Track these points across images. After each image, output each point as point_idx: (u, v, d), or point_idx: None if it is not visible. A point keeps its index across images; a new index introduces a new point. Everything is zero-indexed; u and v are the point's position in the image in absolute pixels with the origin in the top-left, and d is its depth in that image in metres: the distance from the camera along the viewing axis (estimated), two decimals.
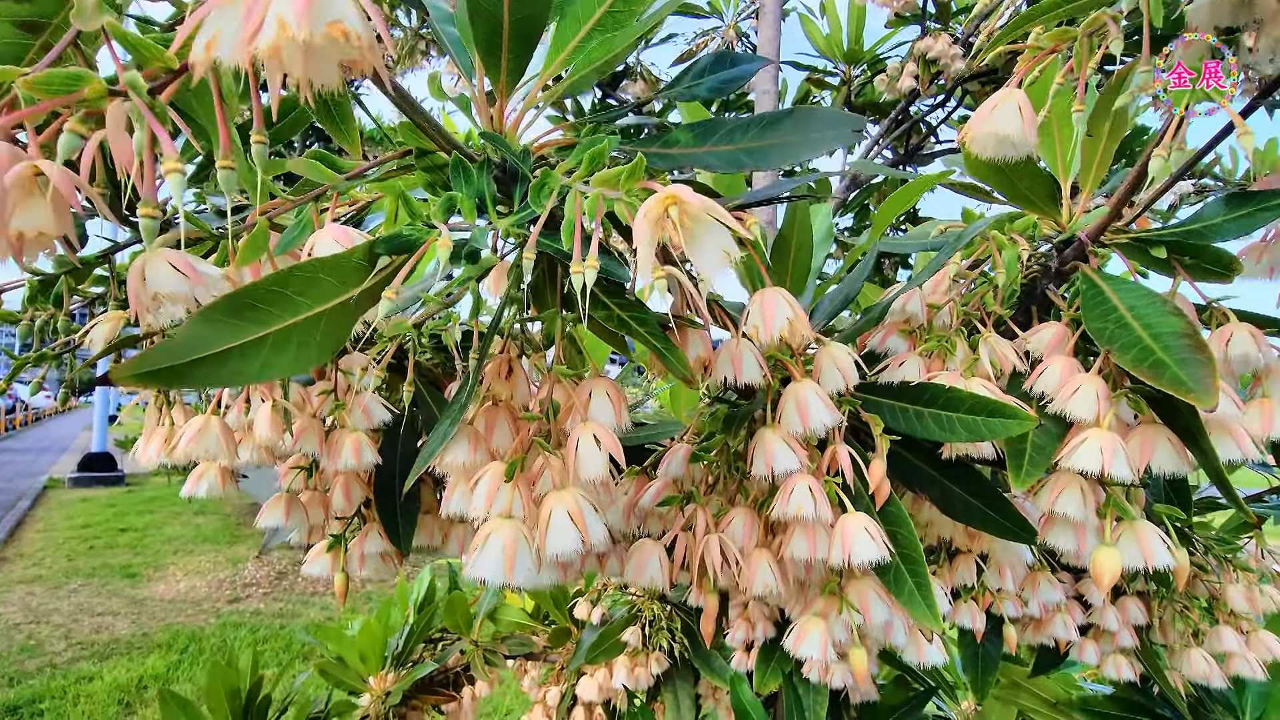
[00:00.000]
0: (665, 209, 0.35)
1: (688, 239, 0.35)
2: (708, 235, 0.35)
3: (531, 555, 0.47)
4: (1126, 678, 1.12)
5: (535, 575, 0.47)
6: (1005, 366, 0.67)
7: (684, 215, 0.35)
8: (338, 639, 1.73)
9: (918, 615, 0.58)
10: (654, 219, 0.35)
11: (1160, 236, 0.65)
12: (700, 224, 0.35)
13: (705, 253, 0.36)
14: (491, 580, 0.45)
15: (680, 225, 0.35)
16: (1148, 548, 0.60)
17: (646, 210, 0.34)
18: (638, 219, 0.34)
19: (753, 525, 0.65)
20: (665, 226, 0.35)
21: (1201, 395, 0.47)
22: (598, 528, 0.47)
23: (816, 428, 0.58)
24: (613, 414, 0.51)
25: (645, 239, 0.34)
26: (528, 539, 0.47)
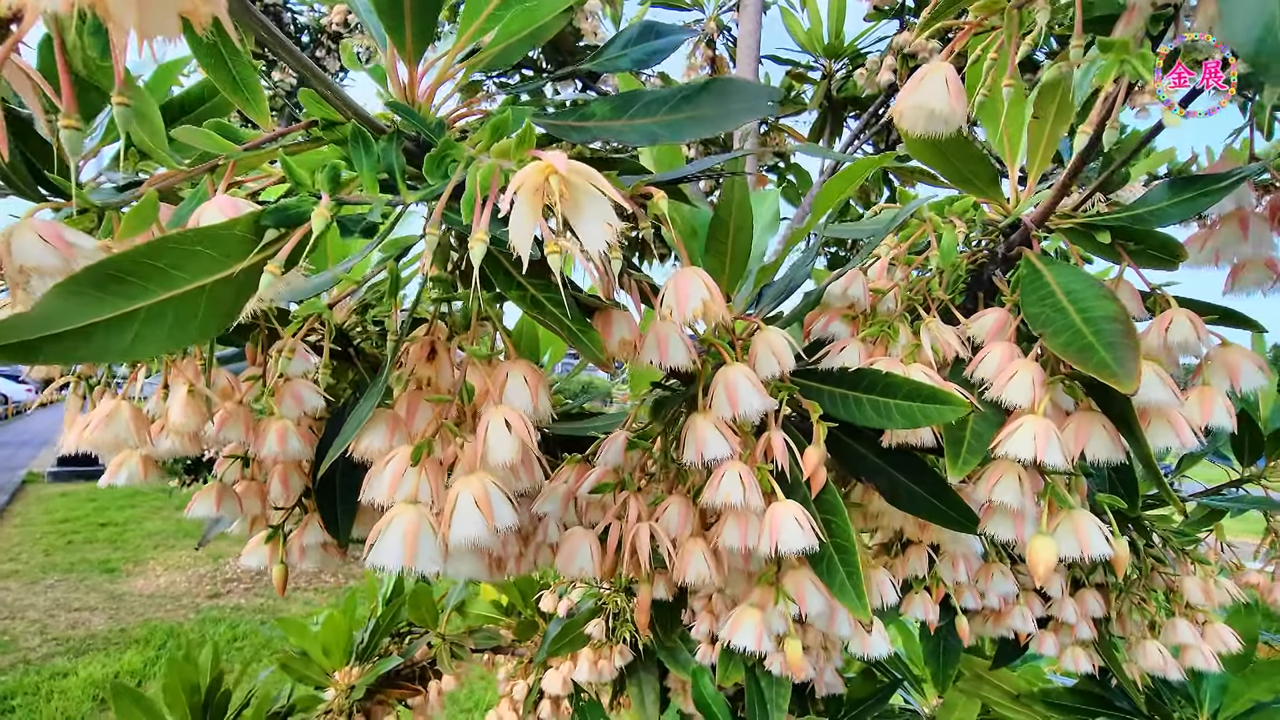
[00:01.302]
0: (545, 178, 0.33)
1: (571, 209, 0.34)
2: (591, 205, 0.34)
3: (436, 542, 0.45)
4: (1084, 670, 1.12)
5: (441, 562, 0.45)
6: (948, 353, 0.65)
7: (564, 184, 0.33)
8: (301, 633, 1.71)
9: (848, 604, 0.56)
10: (532, 188, 0.33)
11: (1105, 221, 0.64)
12: (583, 194, 0.34)
13: (588, 223, 0.34)
14: (391, 567, 0.44)
15: (562, 195, 0.33)
16: (1085, 537, 0.59)
17: (523, 179, 0.33)
18: (511, 188, 0.32)
19: (688, 514, 0.63)
20: (546, 196, 0.33)
21: (1124, 379, 0.46)
22: (506, 513, 0.46)
23: (747, 412, 0.56)
24: (528, 398, 0.49)
25: (524, 209, 0.33)
26: (433, 525, 0.46)
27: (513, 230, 0.33)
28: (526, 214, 0.33)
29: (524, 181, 0.32)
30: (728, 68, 3.26)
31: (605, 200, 0.33)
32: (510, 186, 0.32)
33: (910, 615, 0.98)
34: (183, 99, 0.71)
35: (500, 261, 0.49)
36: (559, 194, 0.33)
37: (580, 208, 0.34)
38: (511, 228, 0.33)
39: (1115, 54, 0.43)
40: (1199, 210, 0.58)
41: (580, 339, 0.46)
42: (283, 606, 7.11)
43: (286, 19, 3.46)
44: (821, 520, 0.60)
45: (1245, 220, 0.62)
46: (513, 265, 0.49)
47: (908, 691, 1.66)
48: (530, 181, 0.33)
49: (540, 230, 0.38)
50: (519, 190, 0.33)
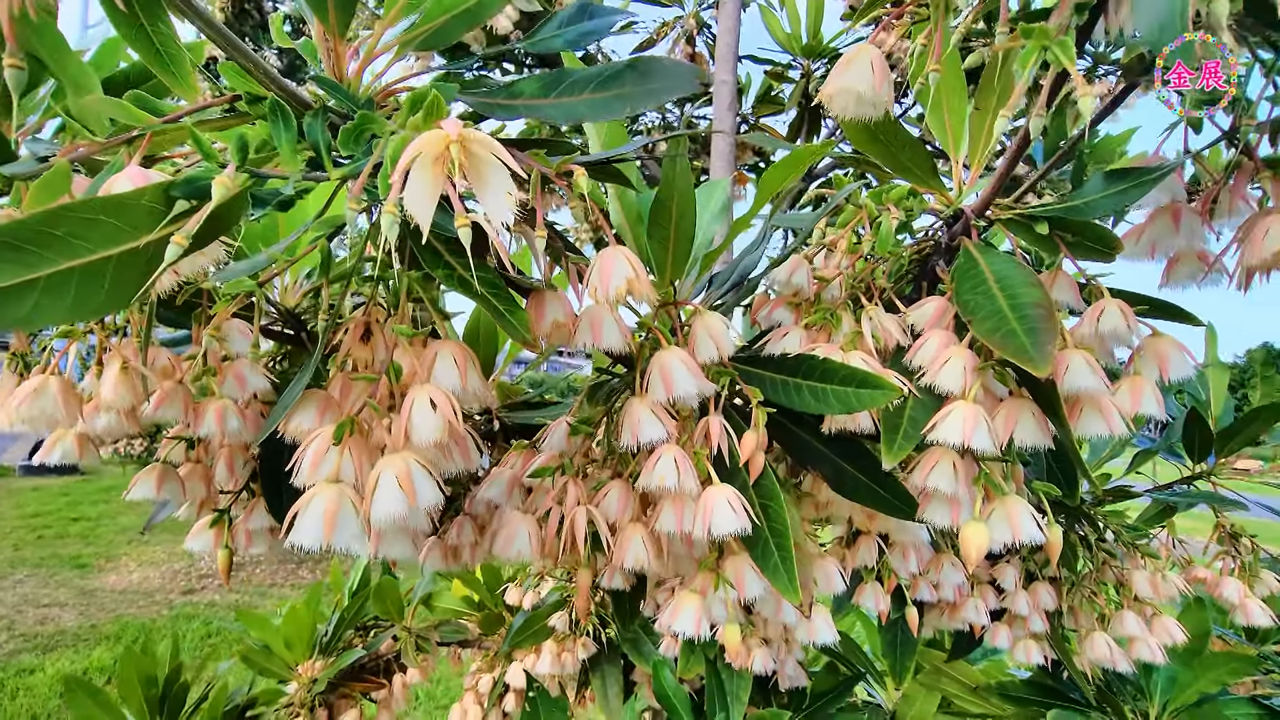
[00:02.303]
0: (445, 146, 0.32)
1: (475, 180, 0.33)
2: (493, 176, 0.33)
3: (358, 520, 0.45)
4: (1036, 661, 1.13)
5: (364, 540, 0.45)
6: (888, 340, 0.66)
7: (464, 154, 0.33)
8: (262, 625, 1.69)
9: (780, 588, 0.57)
10: (432, 157, 0.32)
11: (1042, 212, 0.65)
12: (485, 164, 0.33)
13: (492, 194, 0.34)
14: (309, 545, 0.43)
15: (465, 166, 0.33)
16: (1017, 523, 0.59)
17: (420, 148, 0.32)
18: (406, 155, 0.32)
19: (627, 499, 0.63)
20: (447, 166, 0.33)
21: (1039, 363, 0.46)
22: (429, 492, 0.45)
23: (682, 395, 0.56)
24: (457, 377, 0.49)
25: (422, 179, 0.32)
26: (355, 503, 0.45)
27: (409, 200, 0.32)
28: (425, 184, 0.32)
29: (421, 150, 0.32)
30: (707, 65, 3.27)
31: (507, 170, 0.33)
32: (406, 155, 0.32)
33: (861, 605, 0.99)
34: (128, 72, 0.70)
35: (428, 240, 0.48)
36: (459, 163, 0.32)
37: (484, 178, 0.33)
38: (408, 197, 0.33)
39: (1036, 40, 0.44)
40: (1131, 201, 0.59)
41: (506, 319, 0.46)
42: (258, 603, 7.04)
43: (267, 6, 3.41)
44: (760, 505, 0.61)
45: (1177, 213, 0.63)
46: (443, 244, 0.49)
47: (870, 684, 1.68)
48: (429, 150, 0.32)
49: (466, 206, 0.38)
50: (417, 159, 0.32)
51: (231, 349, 0.70)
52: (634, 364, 0.59)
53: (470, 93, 0.48)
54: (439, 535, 0.96)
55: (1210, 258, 0.64)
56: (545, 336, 0.53)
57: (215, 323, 0.54)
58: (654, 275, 0.67)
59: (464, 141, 0.33)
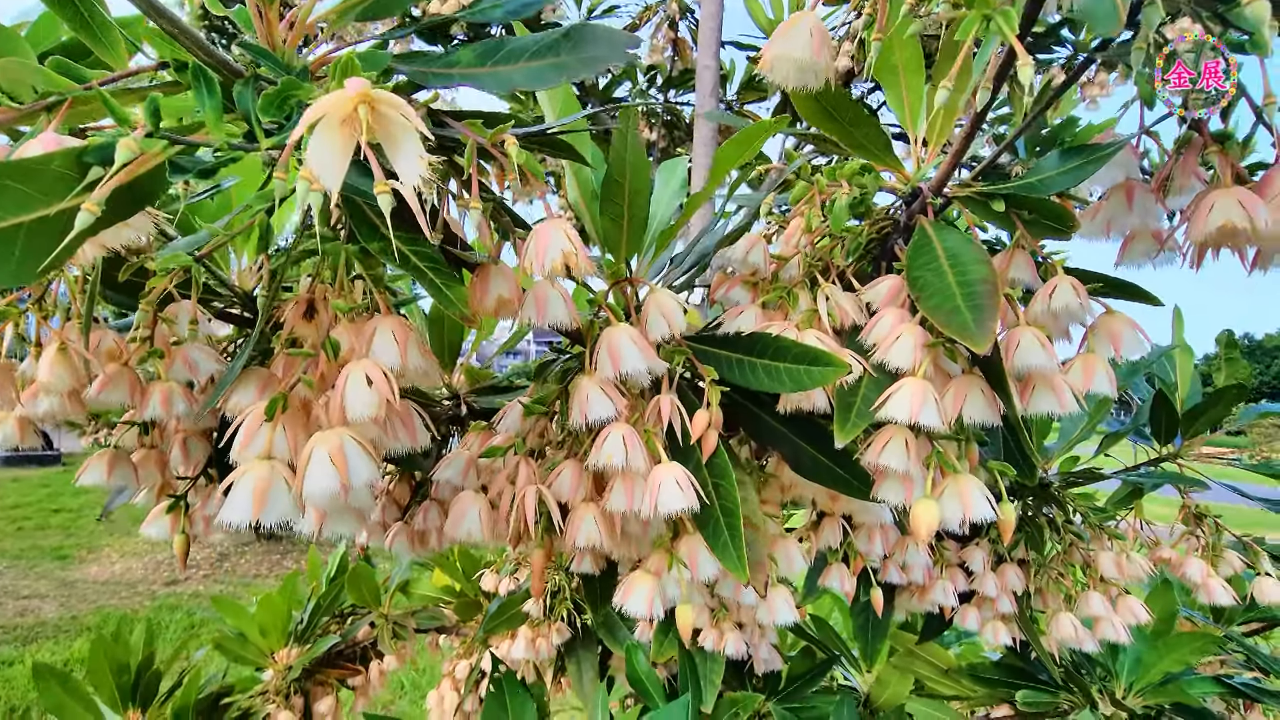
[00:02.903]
0: (353, 107, 0.31)
1: (386, 142, 0.32)
2: (405, 139, 0.33)
3: (290, 497, 0.44)
4: (1004, 642, 1.14)
5: (298, 516, 0.44)
6: (844, 319, 0.65)
7: (374, 115, 0.32)
8: (236, 613, 1.68)
9: (728, 566, 0.56)
10: (338, 118, 0.31)
11: (999, 190, 0.64)
12: (396, 126, 0.32)
13: (403, 157, 0.33)
14: (239, 523, 0.42)
15: (375, 127, 0.32)
16: (969, 501, 0.59)
17: (325, 108, 0.31)
18: (308, 116, 0.31)
19: (579, 478, 0.62)
20: (355, 127, 0.32)
21: (978, 338, 0.46)
22: (363, 469, 0.44)
23: (630, 372, 0.55)
24: (396, 354, 0.48)
25: (328, 139, 0.31)
26: (287, 480, 0.44)
27: (315, 163, 0.31)
28: (331, 146, 0.31)
29: (326, 111, 0.31)
30: (690, 50, 3.24)
31: (417, 133, 0.32)
32: (307, 116, 0.31)
33: (827, 586, 0.99)
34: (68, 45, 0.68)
35: (365, 212, 0.47)
36: (367, 124, 0.31)
37: (394, 140, 0.33)
38: (313, 160, 0.31)
39: (978, 9, 0.43)
40: (1085, 177, 0.59)
41: (442, 293, 0.45)
42: (242, 594, 7.01)
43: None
44: (711, 484, 0.60)
45: (1131, 191, 0.62)
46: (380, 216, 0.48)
47: (846, 668, 1.69)
48: (335, 111, 0.31)
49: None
50: (322, 120, 0.31)
51: (182, 332, 0.69)
52: (586, 342, 0.59)
53: (407, 63, 0.47)
54: (405, 520, 0.95)
55: (1164, 235, 0.64)
56: (490, 313, 0.52)
57: (151, 297, 0.52)
58: (609, 254, 0.66)
59: (371, 102, 0.32)
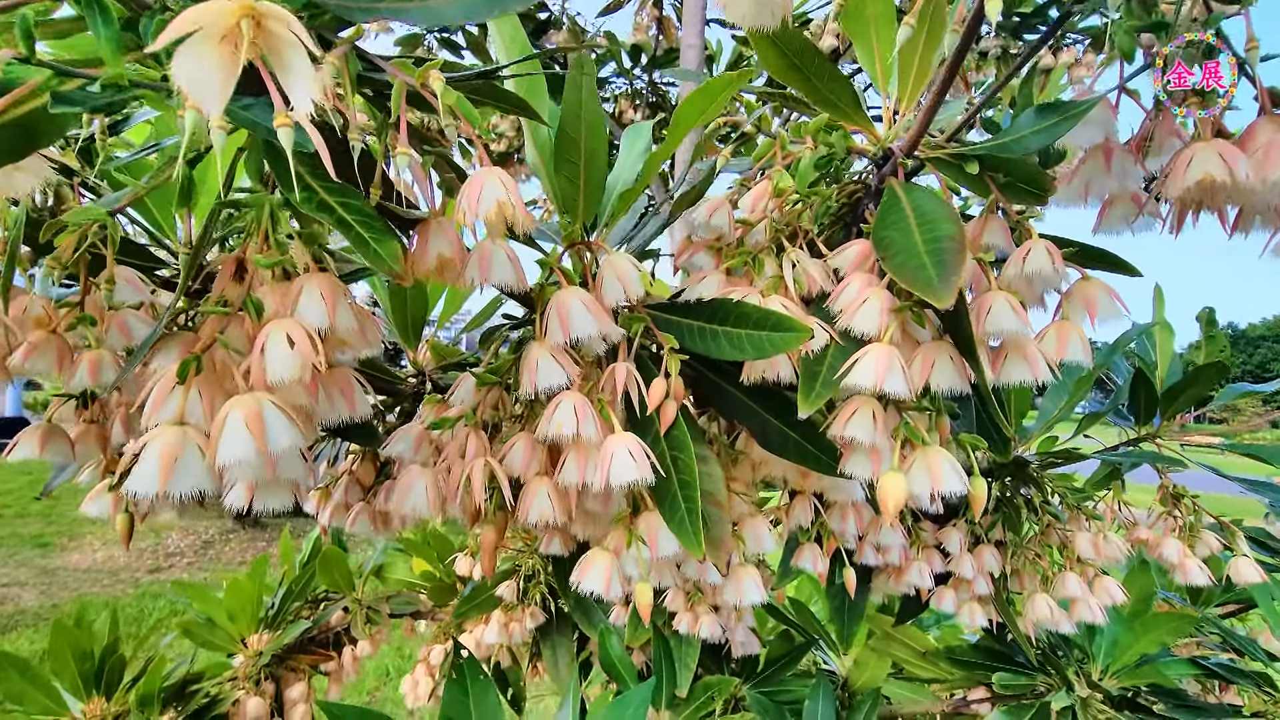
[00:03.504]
0: (235, 21, 0.28)
1: (276, 64, 0.29)
2: (296, 60, 0.29)
3: (203, 465, 0.41)
4: (980, 624, 1.13)
5: (212, 486, 0.41)
6: (811, 286, 0.62)
7: (260, 31, 0.28)
8: (204, 598, 1.64)
9: (684, 541, 0.54)
10: (217, 33, 0.28)
11: (972, 151, 0.61)
12: (286, 45, 0.29)
13: (295, 80, 0.29)
14: (144, 493, 0.39)
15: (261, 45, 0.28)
16: (938, 474, 0.56)
17: (203, 19, 0.27)
18: (174, 28, 0.27)
19: (533, 451, 0.59)
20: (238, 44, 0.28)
21: (941, 293, 0.44)
22: (284, 435, 0.41)
23: (582, 337, 0.52)
24: (323, 313, 0.45)
25: (202, 55, 0.28)
26: (201, 447, 0.41)
27: (186, 83, 0.28)
28: (206, 63, 0.28)
29: (202, 23, 0.27)
30: (674, 29, 3.19)
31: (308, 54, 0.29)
32: (176, 24, 0.27)
33: (799, 567, 0.97)
34: None
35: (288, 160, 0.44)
36: (252, 41, 0.28)
37: (284, 61, 0.29)
38: (183, 79, 0.28)
39: None
40: (1060, 134, 0.56)
41: (370, 247, 0.42)
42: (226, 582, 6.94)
43: None
44: (670, 457, 0.58)
45: (1109, 152, 0.60)
46: (303, 164, 0.44)
47: (825, 651, 1.68)
48: (213, 24, 0.28)
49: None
50: (198, 33, 0.28)
51: (118, 298, 0.66)
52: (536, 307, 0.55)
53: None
54: (367, 500, 0.92)
55: (1143, 199, 0.61)
56: (430, 273, 0.49)
57: (58, 253, 0.49)
58: (567, 216, 0.63)
59: (256, 15, 0.28)
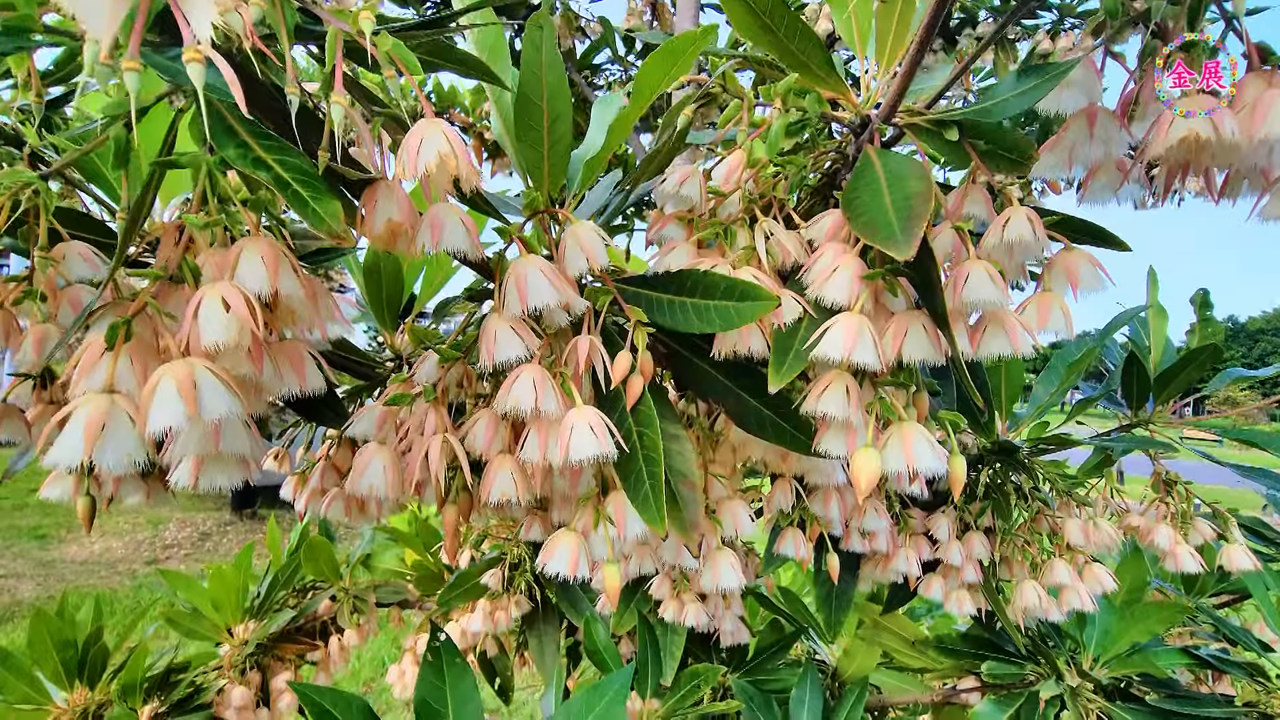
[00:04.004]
0: None
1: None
2: None
3: (134, 434, 0.39)
4: (969, 612, 1.11)
5: (140, 455, 0.39)
6: (786, 258, 0.60)
7: None
8: (188, 587, 1.63)
9: (646, 518, 0.52)
10: None
11: (952, 116, 0.59)
12: None
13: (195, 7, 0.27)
14: (67, 462, 0.37)
15: None
16: (913, 451, 0.54)
17: None
18: None
19: (495, 428, 0.57)
20: None
21: (903, 245, 0.41)
22: (218, 402, 0.39)
23: (540, 307, 0.50)
24: (264, 278, 0.43)
25: None
26: (131, 415, 0.39)
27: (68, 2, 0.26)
28: None
29: None
30: (669, 13, 3.16)
31: None
32: None
33: (780, 553, 0.95)
34: None
35: (223, 116, 0.42)
36: None
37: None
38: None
39: None
40: (1040, 97, 0.54)
41: (308, 206, 0.40)
42: None
43: None
44: (636, 433, 0.56)
45: (1093, 116, 0.57)
46: (235, 117, 0.42)
47: (815, 641, 1.66)
48: None
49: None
50: None
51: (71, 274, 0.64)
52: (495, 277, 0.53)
53: None
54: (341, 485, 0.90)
55: (1129, 166, 0.59)
56: (379, 238, 0.47)
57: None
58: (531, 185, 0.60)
59: None
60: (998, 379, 1.13)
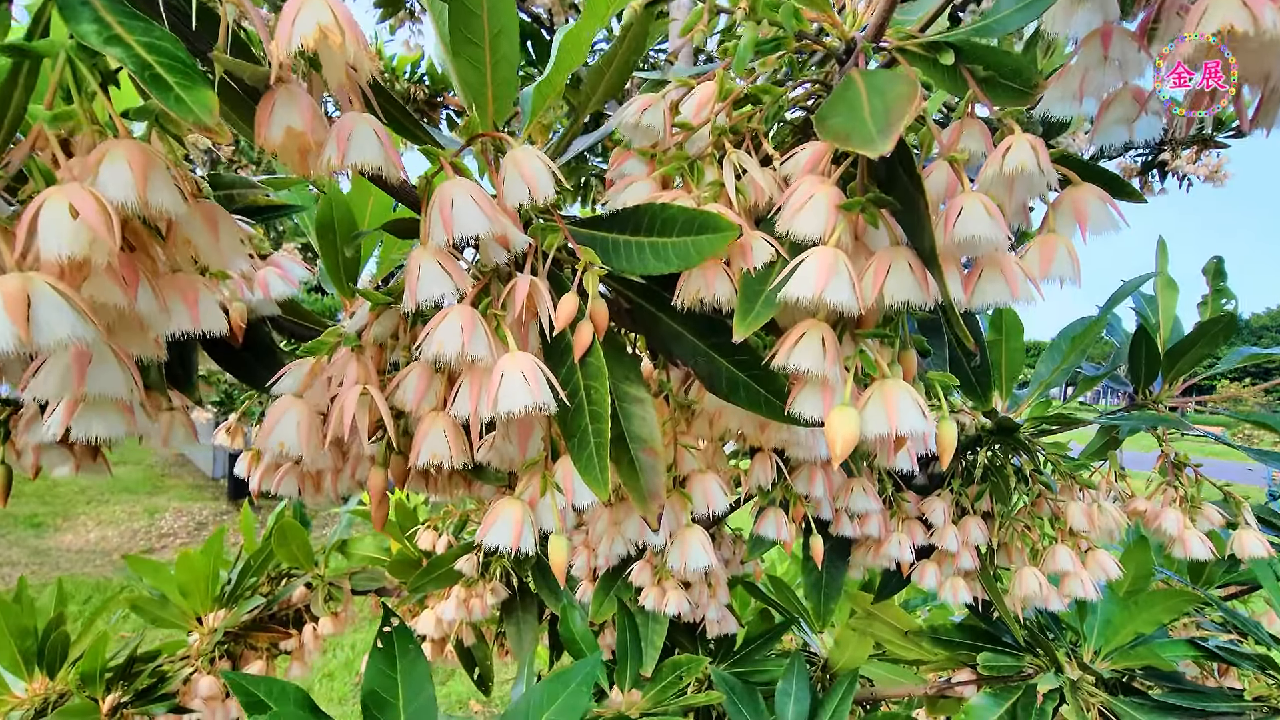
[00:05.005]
0: None
1: None
2: None
3: None
4: (964, 600, 1.04)
5: None
6: (758, 196, 0.54)
7: None
8: (155, 572, 1.57)
9: (589, 481, 0.45)
10: None
11: (947, 38, 0.52)
12: None
13: None
14: None
15: None
16: (895, 410, 0.48)
17: None
18: None
19: (428, 382, 0.51)
20: None
21: (876, 142, 0.35)
22: (59, 323, 0.33)
23: (469, 236, 0.44)
24: (129, 184, 0.36)
25: None
26: None
27: None
28: None
29: None
30: None
31: None
32: None
33: (761, 534, 0.89)
34: None
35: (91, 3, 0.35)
36: None
37: None
38: None
39: None
40: (1043, 9, 0.47)
41: (172, 93, 0.33)
42: None
43: None
44: (584, 387, 0.49)
45: (1108, 36, 0.51)
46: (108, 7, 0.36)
47: (807, 632, 1.60)
48: None
49: None
50: None
51: None
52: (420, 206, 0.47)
53: None
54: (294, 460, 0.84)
55: (1146, 95, 0.52)
56: (276, 148, 0.40)
57: None
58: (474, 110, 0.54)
59: None
60: (998, 354, 1.07)
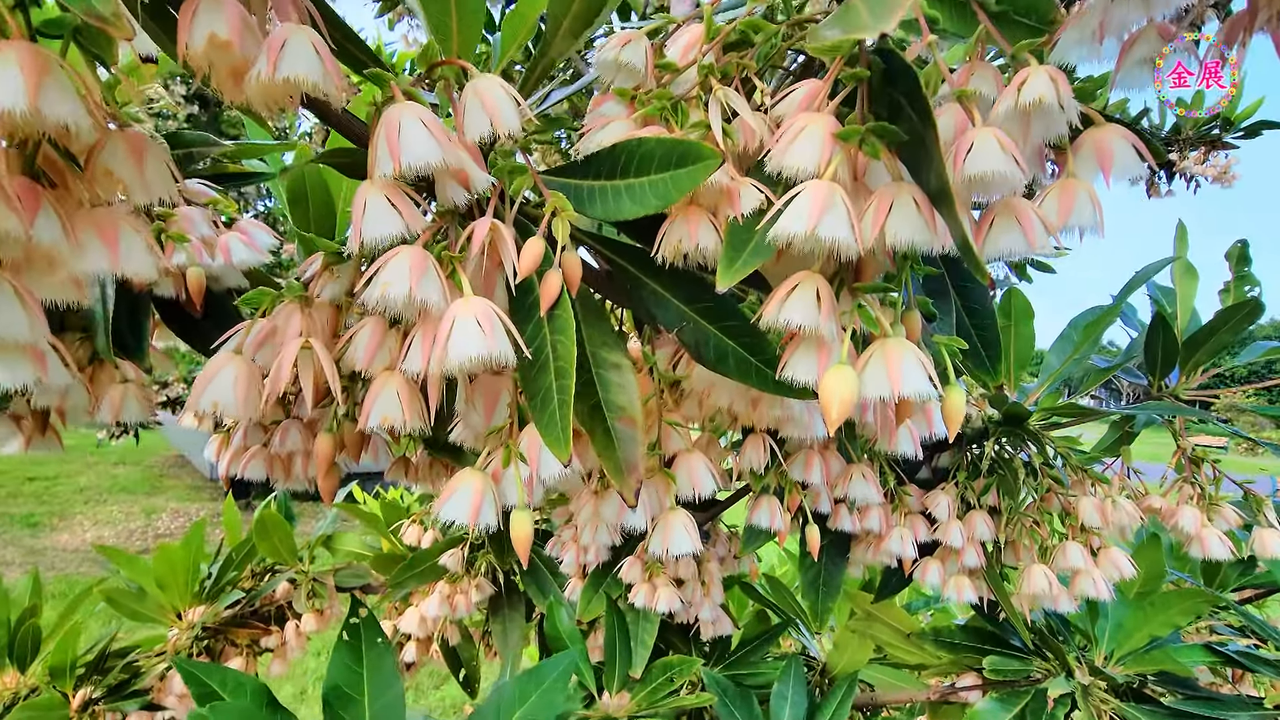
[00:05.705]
0: None
1: None
2: None
3: None
4: (968, 600, 0.99)
5: None
6: (749, 141, 0.49)
7: None
8: (133, 566, 1.52)
9: (549, 441, 0.40)
10: None
11: None
12: None
13: None
14: None
15: None
16: (898, 371, 0.43)
17: None
18: None
19: (381, 338, 0.46)
20: None
21: (870, 25, 0.30)
22: None
23: (419, 167, 0.39)
24: (19, 91, 0.31)
25: None
26: None
27: None
28: None
29: None
30: None
31: None
32: None
33: (754, 523, 0.84)
34: None
35: None
36: None
37: None
38: None
39: None
40: None
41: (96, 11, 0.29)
42: None
43: None
44: (551, 341, 0.44)
45: None
46: None
47: (805, 634, 1.55)
48: None
49: None
50: None
51: None
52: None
53: None
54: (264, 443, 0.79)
55: (1173, 31, 0.48)
56: (199, 57, 0.36)
57: None
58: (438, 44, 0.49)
59: None
60: (1007, 340, 1.02)
